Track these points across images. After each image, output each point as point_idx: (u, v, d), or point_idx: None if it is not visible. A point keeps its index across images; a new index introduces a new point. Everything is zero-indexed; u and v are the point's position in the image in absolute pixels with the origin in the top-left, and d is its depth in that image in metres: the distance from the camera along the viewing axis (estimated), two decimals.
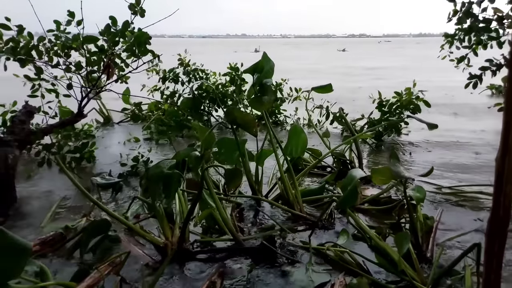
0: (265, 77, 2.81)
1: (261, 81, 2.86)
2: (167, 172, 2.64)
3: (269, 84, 2.69)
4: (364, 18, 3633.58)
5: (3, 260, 1.77)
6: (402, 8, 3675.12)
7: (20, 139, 3.57)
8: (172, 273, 2.28)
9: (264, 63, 2.83)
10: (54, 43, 4.20)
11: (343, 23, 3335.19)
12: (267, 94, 2.69)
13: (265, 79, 2.73)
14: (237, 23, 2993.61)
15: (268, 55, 2.93)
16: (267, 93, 2.69)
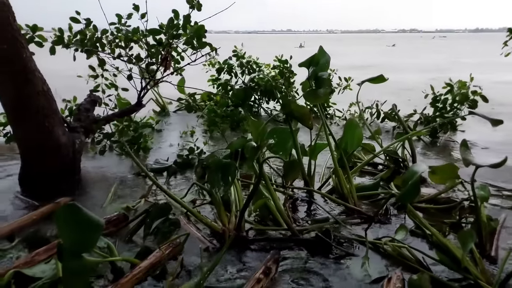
0: (320, 70, 2.80)
1: (317, 74, 2.85)
2: (225, 162, 2.72)
3: (325, 76, 2.68)
4: (415, 12, 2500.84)
5: (78, 234, 1.91)
6: (457, 2, 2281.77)
7: (86, 126, 3.82)
8: (229, 258, 2.35)
9: (320, 56, 2.83)
10: (115, 36, 4.43)
11: (392, 17, 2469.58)
12: (322, 86, 2.68)
13: (321, 72, 2.72)
14: (283, 19, 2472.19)
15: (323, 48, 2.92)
16: (322, 86, 2.68)
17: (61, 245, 2.01)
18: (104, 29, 4.44)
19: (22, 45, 3.22)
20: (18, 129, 3.30)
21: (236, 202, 2.83)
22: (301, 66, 2.88)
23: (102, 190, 3.39)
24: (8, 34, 3.11)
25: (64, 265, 1.91)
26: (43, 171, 3.31)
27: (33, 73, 3.24)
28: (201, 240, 2.54)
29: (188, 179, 3.68)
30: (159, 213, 2.63)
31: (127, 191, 3.41)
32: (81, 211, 1.97)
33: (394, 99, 5.59)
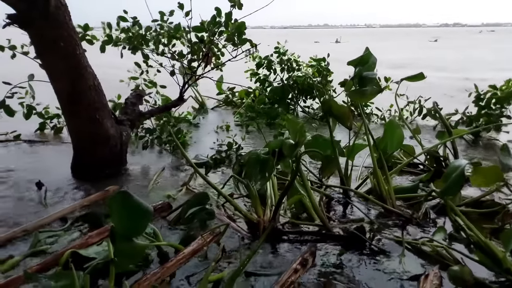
0: (367, 70, 2.82)
1: (361, 73, 2.88)
2: (263, 157, 2.82)
3: (373, 76, 2.70)
4: (459, 5, 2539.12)
5: (130, 219, 2.07)
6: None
7: (132, 119, 4.03)
8: (264, 249, 2.43)
9: (368, 57, 2.86)
10: (158, 33, 4.62)
11: (434, 11, 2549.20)
12: (368, 86, 2.70)
13: (368, 72, 2.74)
14: (319, 13, 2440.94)
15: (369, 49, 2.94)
16: (368, 85, 2.70)
17: (114, 229, 2.18)
18: (148, 26, 4.64)
19: (76, 42, 3.45)
20: (72, 121, 3.55)
21: (272, 196, 2.92)
22: (349, 65, 2.91)
23: (145, 181, 3.59)
24: (64, 33, 3.34)
25: (116, 248, 2.07)
26: (93, 161, 3.54)
27: (85, 68, 3.47)
28: (237, 230, 2.65)
29: (224, 173, 3.80)
30: (197, 202, 2.76)
31: (168, 182, 3.58)
32: (132, 198, 2.13)
33: (436, 98, 5.44)
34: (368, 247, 2.43)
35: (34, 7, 3.17)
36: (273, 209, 2.60)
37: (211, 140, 5.00)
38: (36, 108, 4.80)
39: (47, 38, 3.29)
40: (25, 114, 4.62)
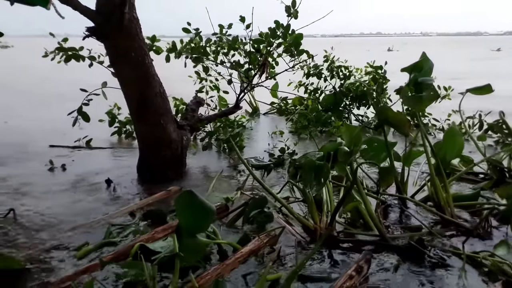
0: (423, 76, 2.79)
1: (416, 79, 2.85)
2: (319, 163, 2.87)
3: (429, 82, 2.67)
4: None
5: (194, 217, 2.22)
6: None
7: (191, 124, 4.26)
8: (320, 255, 2.48)
9: (424, 62, 2.82)
10: (218, 44, 4.87)
11: (496, 18, 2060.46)
12: (425, 92, 2.67)
13: (424, 78, 2.72)
14: (372, 21, 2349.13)
15: (427, 55, 2.90)
16: (425, 91, 2.67)
17: (179, 226, 2.35)
18: (208, 38, 4.91)
19: (145, 52, 3.74)
20: (139, 126, 3.83)
21: (327, 202, 2.96)
22: (403, 71, 2.90)
23: (204, 182, 3.77)
24: (136, 44, 3.64)
25: (181, 243, 2.23)
26: (156, 162, 3.79)
27: (153, 77, 3.75)
28: (293, 234, 2.72)
29: (278, 178, 3.89)
30: (257, 205, 2.88)
31: (225, 184, 3.74)
32: (197, 197, 2.28)
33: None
34: (426, 259, 2.39)
35: (110, 21, 3.49)
36: (330, 216, 2.64)
37: (264, 144, 5.13)
38: (117, 117, 5.27)
39: (120, 49, 3.61)
40: (109, 122, 5.24)
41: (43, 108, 7.75)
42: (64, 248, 2.52)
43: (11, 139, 5.22)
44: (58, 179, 3.82)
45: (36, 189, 3.53)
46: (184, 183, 3.75)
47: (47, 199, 3.31)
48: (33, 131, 5.78)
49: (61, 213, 3.03)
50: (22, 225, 2.82)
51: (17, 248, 2.49)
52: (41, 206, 3.15)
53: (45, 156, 4.42)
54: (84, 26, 3.63)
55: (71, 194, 3.45)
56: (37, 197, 3.34)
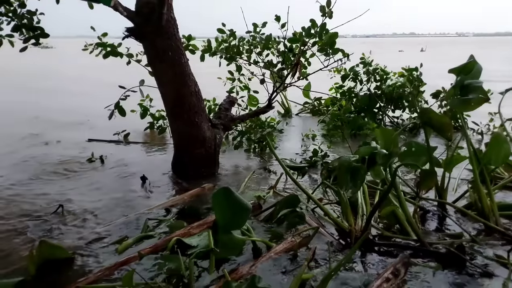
0: (471, 79, 2.70)
1: (463, 82, 2.76)
2: (355, 165, 2.83)
3: (478, 84, 2.58)
4: None
5: (231, 214, 2.25)
6: None
7: (224, 123, 4.31)
8: (355, 257, 2.44)
9: (472, 65, 2.74)
10: (251, 43, 4.90)
11: None
12: (473, 94, 2.58)
13: (472, 80, 2.63)
14: (405, 21, 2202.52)
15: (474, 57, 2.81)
16: (473, 94, 2.59)
17: (216, 222, 2.38)
18: (241, 37, 4.94)
19: (182, 52, 3.82)
20: (174, 123, 3.91)
21: (363, 205, 2.91)
22: (450, 73, 2.82)
23: (235, 180, 3.80)
24: (173, 43, 3.72)
25: (217, 239, 2.27)
26: (190, 160, 3.86)
27: (188, 76, 3.82)
28: (325, 235, 2.69)
29: (311, 180, 3.87)
30: (288, 204, 2.87)
31: (256, 183, 3.76)
32: (234, 194, 2.31)
33: None
34: (468, 266, 2.31)
35: (149, 21, 3.58)
36: (366, 219, 2.60)
37: (295, 145, 5.11)
38: (149, 109, 5.42)
39: (158, 48, 3.70)
40: (141, 114, 5.40)
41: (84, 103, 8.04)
42: (104, 241, 2.61)
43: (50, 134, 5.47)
44: (98, 174, 3.96)
45: (79, 184, 3.66)
46: (217, 180, 3.80)
47: (88, 194, 3.43)
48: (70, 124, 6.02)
49: (100, 207, 3.14)
50: (67, 218, 2.94)
51: (63, 240, 2.60)
52: (83, 201, 3.27)
53: (85, 150, 4.60)
54: (124, 26, 3.77)
55: (109, 189, 3.56)
56: (80, 193, 3.47)
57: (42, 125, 6.12)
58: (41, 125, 6.08)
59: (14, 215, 2.98)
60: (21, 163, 4.26)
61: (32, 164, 4.23)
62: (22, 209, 3.09)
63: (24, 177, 3.81)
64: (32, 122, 6.37)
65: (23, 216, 2.97)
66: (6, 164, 4.20)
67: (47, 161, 4.35)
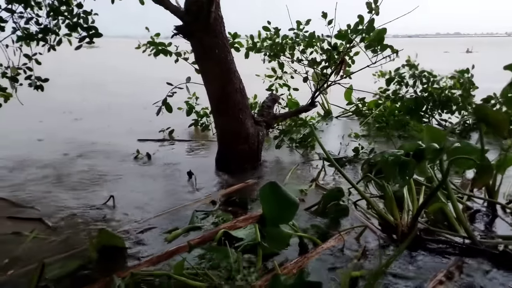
0: None
1: None
2: (404, 158, 2.76)
3: None
4: None
5: (279, 208, 2.27)
6: None
7: (267, 121, 4.34)
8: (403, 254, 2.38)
9: None
10: (294, 41, 4.89)
11: None
12: None
13: None
14: (449, 21, 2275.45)
15: None
16: None
17: (263, 216, 2.41)
18: (285, 35, 4.95)
19: (228, 50, 3.89)
20: (219, 120, 3.99)
21: (408, 200, 2.83)
22: (506, 69, 2.69)
23: (277, 175, 3.82)
24: (220, 41, 3.80)
25: (266, 232, 2.29)
26: (234, 156, 3.92)
27: (234, 73, 3.88)
28: (372, 229, 2.64)
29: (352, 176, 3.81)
30: (332, 197, 2.85)
31: (297, 179, 3.76)
32: (281, 189, 2.32)
33: None
34: None
35: (198, 19, 3.68)
36: (413, 215, 2.53)
37: (335, 145, 5.04)
38: (194, 107, 5.57)
39: (206, 46, 3.78)
40: (187, 111, 5.53)
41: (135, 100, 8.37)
42: (154, 230, 2.71)
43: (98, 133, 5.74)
44: (146, 169, 4.11)
45: (130, 177, 3.82)
46: (260, 176, 3.84)
47: (138, 187, 3.57)
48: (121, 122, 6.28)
49: (150, 199, 3.26)
50: (119, 209, 3.09)
51: (115, 229, 2.72)
52: (134, 192, 3.41)
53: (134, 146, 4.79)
54: (173, 25, 3.89)
55: (156, 183, 3.69)
56: (130, 185, 3.62)
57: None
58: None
59: (73, 203, 3.16)
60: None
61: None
62: (79, 198, 3.27)
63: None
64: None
65: (82, 204, 3.14)
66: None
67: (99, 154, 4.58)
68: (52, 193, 3.36)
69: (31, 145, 4.91)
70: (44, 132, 5.52)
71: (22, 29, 4.15)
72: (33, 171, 3.94)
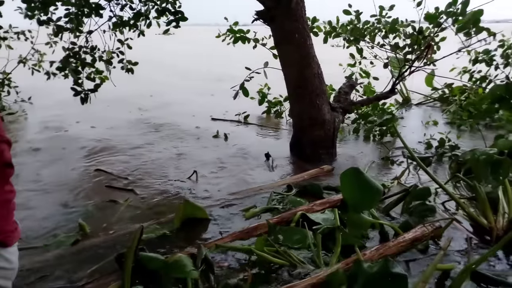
0: None
1: None
2: (497, 157, 2.57)
3: None
4: None
5: (361, 194, 2.23)
6: None
7: (344, 107, 4.25)
8: (496, 257, 2.22)
9: None
10: (375, 26, 4.70)
11: None
12: None
13: None
14: None
15: None
16: None
17: (344, 201, 2.40)
18: (366, 21, 4.77)
19: (308, 34, 3.85)
20: (296, 104, 3.99)
21: (503, 202, 2.62)
22: None
23: (352, 165, 3.69)
24: (300, 26, 3.77)
25: (346, 218, 2.28)
26: (309, 141, 3.91)
27: (312, 58, 3.84)
28: (460, 230, 2.50)
29: (434, 173, 3.60)
30: (418, 196, 2.73)
31: (375, 171, 3.64)
32: (364, 175, 2.29)
33: None
34: None
35: (279, 4, 3.69)
36: (510, 217, 2.35)
37: (416, 135, 4.79)
38: (267, 95, 5.65)
39: (286, 31, 3.79)
40: (259, 100, 5.65)
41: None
42: (233, 207, 2.83)
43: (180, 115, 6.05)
44: (223, 149, 4.27)
45: (208, 156, 4.01)
46: (334, 163, 3.80)
47: (217, 165, 3.74)
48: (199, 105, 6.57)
49: (228, 177, 3.41)
50: (200, 184, 3.27)
51: (198, 202, 2.89)
52: (214, 170, 3.59)
53: (211, 128, 5.00)
54: (254, 10, 3.94)
55: (234, 162, 3.83)
56: (210, 162, 3.81)
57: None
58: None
59: (158, 176, 3.41)
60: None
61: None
62: (165, 172, 3.52)
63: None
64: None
65: (168, 178, 3.37)
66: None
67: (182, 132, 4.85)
68: (144, 167, 3.63)
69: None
70: (135, 116, 5.86)
71: (117, 16, 4.51)
72: (127, 148, 4.27)
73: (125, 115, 5.81)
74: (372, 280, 1.73)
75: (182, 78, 9.95)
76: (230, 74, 7.68)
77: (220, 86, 7.59)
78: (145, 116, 5.81)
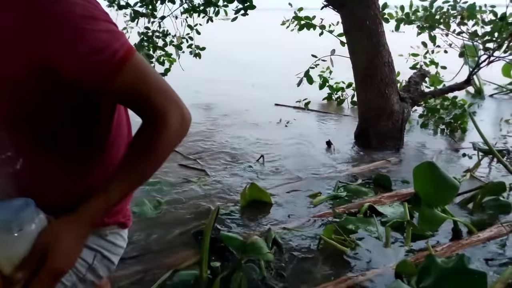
0: None
1: None
2: None
3: None
4: None
5: (436, 189, 2.18)
6: None
7: (413, 97, 4.09)
8: None
9: None
10: (449, 13, 4.43)
11: None
12: None
13: None
14: None
15: None
16: None
17: (416, 195, 2.36)
18: (439, 7, 4.50)
19: (379, 21, 3.74)
20: (363, 93, 3.91)
21: None
22: None
23: (420, 158, 3.59)
24: (371, 12, 3.67)
25: (420, 212, 2.24)
26: (376, 131, 3.83)
27: (383, 46, 3.73)
28: None
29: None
30: (492, 191, 2.60)
31: (443, 165, 3.49)
32: (439, 170, 2.22)
33: None
34: None
35: None
36: None
37: (492, 130, 4.50)
38: (328, 80, 5.57)
39: (356, 17, 3.70)
40: (320, 85, 5.54)
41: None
42: (298, 192, 2.88)
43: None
44: (285, 135, 4.31)
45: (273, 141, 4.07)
46: (400, 155, 3.69)
47: (280, 150, 3.79)
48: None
49: (290, 163, 3.46)
50: (267, 168, 3.36)
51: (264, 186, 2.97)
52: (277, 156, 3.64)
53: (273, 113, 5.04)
54: None
55: (296, 149, 3.87)
56: (274, 148, 3.87)
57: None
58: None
59: (225, 160, 3.54)
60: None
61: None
62: (231, 154, 3.65)
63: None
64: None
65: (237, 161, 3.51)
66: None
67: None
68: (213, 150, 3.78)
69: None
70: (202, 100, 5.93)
71: (188, 1, 4.67)
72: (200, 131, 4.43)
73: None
74: (447, 275, 1.70)
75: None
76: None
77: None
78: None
